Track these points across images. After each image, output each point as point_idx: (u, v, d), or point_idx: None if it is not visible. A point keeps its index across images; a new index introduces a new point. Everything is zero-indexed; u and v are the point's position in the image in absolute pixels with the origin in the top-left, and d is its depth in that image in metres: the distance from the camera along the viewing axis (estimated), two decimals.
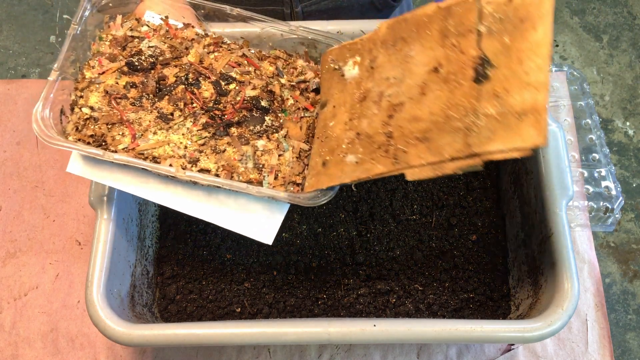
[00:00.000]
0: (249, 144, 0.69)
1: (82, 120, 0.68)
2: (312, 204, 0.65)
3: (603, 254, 1.70)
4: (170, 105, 0.70)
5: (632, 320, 1.62)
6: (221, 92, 0.71)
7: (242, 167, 0.67)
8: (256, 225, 0.68)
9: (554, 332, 0.65)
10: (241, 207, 0.68)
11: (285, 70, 0.75)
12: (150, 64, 0.72)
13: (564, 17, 2.06)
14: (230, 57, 0.74)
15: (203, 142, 0.68)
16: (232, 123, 0.70)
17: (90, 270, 0.69)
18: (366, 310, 0.79)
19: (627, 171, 1.81)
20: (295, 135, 0.70)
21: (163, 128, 0.69)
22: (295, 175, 0.68)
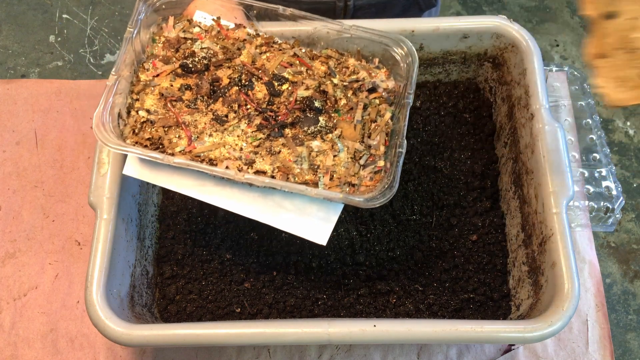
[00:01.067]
0: (304, 145, 0.69)
1: (139, 124, 0.69)
2: (369, 205, 0.64)
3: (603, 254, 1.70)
4: (225, 107, 0.70)
5: (633, 321, 1.62)
6: (274, 93, 0.71)
7: (297, 168, 0.67)
8: (311, 227, 0.68)
9: (555, 332, 0.65)
10: (296, 209, 0.68)
11: (337, 69, 0.75)
12: (203, 66, 0.72)
13: (565, 17, 2.06)
14: (282, 58, 0.74)
15: (258, 143, 0.68)
16: (286, 124, 0.70)
17: (89, 270, 0.69)
18: (366, 310, 0.79)
19: (627, 171, 1.81)
20: (350, 135, 0.70)
21: (218, 130, 0.69)
22: (350, 175, 0.68)
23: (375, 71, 0.75)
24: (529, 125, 0.78)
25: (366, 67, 0.75)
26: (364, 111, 0.71)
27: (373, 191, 0.65)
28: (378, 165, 0.68)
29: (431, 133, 0.91)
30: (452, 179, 0.88)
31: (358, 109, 0.71)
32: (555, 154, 0.74)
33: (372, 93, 0.73)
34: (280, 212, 0.68)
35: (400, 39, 0.74)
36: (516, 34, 0.83)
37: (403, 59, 0.74)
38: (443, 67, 0.91)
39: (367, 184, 0.67)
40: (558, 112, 0.97)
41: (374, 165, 0.68)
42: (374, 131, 0.70)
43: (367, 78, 0.73)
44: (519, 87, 0.82)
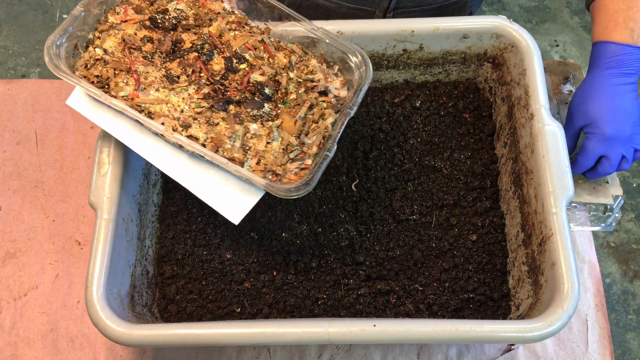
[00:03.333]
0: (242, 124, 0.70)
1: (92, 60, 0.70)
2: (285, 196, 0.66)
3: (603, 254, 1.70)
4: (179, 68, 0.72)
5: (632, 321, 1.62)
6: (230, 69, 0.73)
7: (229, 143, 0.69)
8: (228, 203, 0.69)
9: (554, 332, 0.65)
10: (219, 182, 0.70)
11: (297, 65, 0.76)
12: (172, 25, 0.74)
13: (564, 17, 2.06)
14: (248, 39, 0.76)
15: (200, 110, 0.70)
16: (232, 100, 0.71)
17: (90, 270, 0.69)
18: (366, 310, 0.79)
19: (627, 171, 1.81)
20: (288, 128, 0.71)
21: (166, 87, 0.71)
22: (277, 165, 0.69)
23: (333, 77, 0.76)
24: (528, 125, 0.78)
25: (325, 71, 0.76)
26: (309, 110, 0.73)
27: (293, 184, 0.67)
28: (305, 163, 0.70)
29: (431, 133, 0.91)
30: (452, 179, 0.88)
31: (304, 107, 0.73)
32: (555, 154, 0.74)
33: (323, 96, 0.75)
34: (203, 181, 0.70)
35: (358, 51, 0.76)
36: (516, 34, 0.83)
37: (357, 70, 0.76)
38: (443, 67, 0.91)
39: (291, 177, 0.69)
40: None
41: (302, 162, 0.70)
42: (312, 131, 0.72)
43: (322, 81, 0.75)
44: (519, 87, 0.82)
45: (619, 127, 0.80)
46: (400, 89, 0.94)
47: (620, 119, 0.80)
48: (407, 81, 0.93)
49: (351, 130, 0.92)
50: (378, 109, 0.93)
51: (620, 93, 0.81)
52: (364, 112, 0.92)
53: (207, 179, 0.70)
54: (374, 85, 0.94)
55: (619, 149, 0.81)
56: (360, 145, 0.90)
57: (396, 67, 0.91)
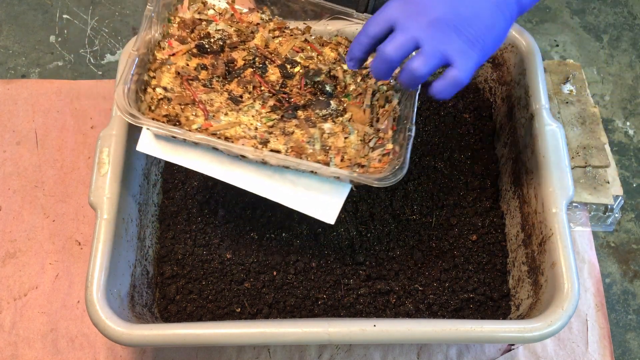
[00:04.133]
0: (316, 126, 0.70)
1: (155, 101, 0.69)
2: (381, 185, 0.65)
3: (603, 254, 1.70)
4: (240, 87, 0.72)
5: (633, 321, 1.62)
6: (287, 76, 0.73)
7: (310, 148, 0.68)
8: (320, 206, 0.69)
9: (554, 332, 0.65)
10: (307, 188, 0.69)
11: None
12: (219, 47, 0.74)
13: (564, 17, 2.06)
14: (294, 42, 0.75)
15: (272, 124, 0.69)
16: (299, 106, 0.71)
17: (90, 270, 0.69)
18: (366, 310, 0.79)
19: (627, 171, 1.81)
20: (359, 119, 0.71)
21: (233, 109, 0.70)
22: (360, 157, 0.69)
23: None
24: (528, 125, 0.78)
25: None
26: (373, 97, 0.73)
27: (382, 172, 0.66)
28: (386, 148, 0.69)
29: (431, 133, 0.91)
30: (452, 179, 0.88)
31: (367, 94, 0.72)
32: (555, 154, 0.74)
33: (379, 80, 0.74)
34: (291, 191, 0.69)
35: None
36: (516, 34, 0.83)
37: None
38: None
39: (376, 165, 0.68)
40: None
41: (383, 148, 0.69)
42: (382, 116, 0.71)
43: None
44: (519, 87, 0.82)
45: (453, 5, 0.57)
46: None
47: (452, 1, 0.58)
48: None
49: None
50: None
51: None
52: None
53: (296, 187, 0.69)
54: None
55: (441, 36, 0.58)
56: None
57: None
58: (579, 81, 0.99)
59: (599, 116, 0.95)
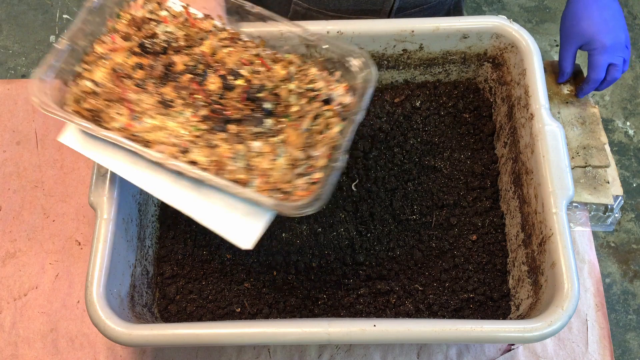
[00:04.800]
0: (244, 143, 0.67)
1: (83, 93, 0.68)
2: (296, 214, 0.63)
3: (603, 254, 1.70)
4: (174, 92, 0.69)
5: (632, 321, 1.62)
6: (227, 87, 0.69)
7: (232, 165, 0.66)
8: (237, 228, 0.66)
9: (554, 332, 0.65)
10: (226, 206, 0.66)
11: (297, 76, 0.73)
12: (162, 48, 0.71)
13: None
14: (243, 54, 0.73)
15: (199, 134, 0.67)
16: (231, 119, 0.68)
17: (90, 270, 0.69)
18: (366, 310, 0.79)
19: (627, 171, 1.81)
20: (293, 142, 0.68)
21: (162, 113, 0.67)
22: (284, 182, 0.66)
23: (335, 84, 0.73)
24: (528, 125, 0.78)
25: (326, 79, 0.73)
26: (314, 121, 0.70)
27: (303, 200, 0.63)
28: (314, 177, 0.66)
29: (431, 133, 0.91)
30: (452, 179, 0.88)
31: (307, 118, 0.69)
32: (555, 154, 0.74)
33: (326, 105, 0.71)
34: (208, 208, 0.67)
35: (359, 53, 0.72)
36: (516, 34, 0.83)
37: (360, 74, 0.72)
38: (443, 67, 0.91)
39: (301, 193, 0.65)
40: None
41: (310, 177, 0.67)
42: (319, 142, 0.69)
43: (324, 89, 0.72)
44: (519, 87, 0.82)
45: (616, 35, 0.87)
46: (400, 89, 0.94)
47: (614, 28, 0.88)
48: (407, 81, 0.93)
49: None
50: (378, 109, 0.93)
51: (606, 6, 0.89)
52: None
53: (212, 205, 0.66)
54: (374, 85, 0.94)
55: (620, 54, 0.88)
56: (360, 145, 0.90)
57: (396, 67, 0.91)
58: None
59: (599, 116, 0.95)
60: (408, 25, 0.84)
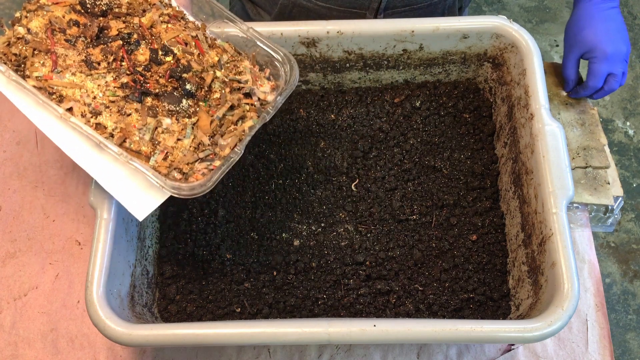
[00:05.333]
0: (156, 117, 0.69)
1: (15, 38, 0.71)
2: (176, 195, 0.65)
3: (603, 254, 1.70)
4: (101, 55, 0.71)
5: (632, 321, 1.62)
6: (155, 61, 0.72)
7: (137, 135, 0.68)
8: (134, 197, 0.68)
9: (554, 332, 0.65)
10: (128, 174, 0.69)
11: (227, 65, 0.75)
12: (101, 11, 0.74)
13: (564, 17, 2.06)
14: (180, 33, 0.75)
15: (114, 99, 0.69)
16: (150, 93, 0.70)
17: (90, 270, 0.69)
18: (366, 310, 0.79)
19: (627, 171, 1.81)
20: (203, 127, 0.70)
21: (83, 72, 0.70)
22: (184, 163, 0.68)
23: (264, 81, 0.75)
24: (528, 125, 0.78)
25: (255, 74, 0.75)
26: (230, 111, 0.72)
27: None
28: (214, 164, 0.69)
29: (431, 133, 0.91)
30: (452, 179, 0.88)
31: (223, 107, 0.72)
32: (555, 154, 0.74)
33: (248, 98, 0.73)
34: (110, 171, 0.69)
35: (284, 54, 0.75)
36: (516, 34, 0.83)
37: (283, 74, 0.75)
38: (443, 67, 0.91)
39: (198, 177, 0.68)
40: None
41: (211, 163, 0.69)
42: (228, 132, 0.71)
43: (250, 83, 0.74)
44: (519, 87, 0.82)
45: (617, 46, 0.88)
46: (400, 89, 0.94)
47: (616, 38, 0.89)
48: (407, 81, 0.93)
49: (351, 130, 0.92)
50: (378, 109, 0.93)
51: (610, 17, 0.90)
52: (364, 112, 0.93)
53: (116, 171, 0.68)
54: (374, 85, 0.94)
55: (620, 65, 0.89)
56: (360, 145, 0.90)
57: (396, 67, 0.91)
58: None
59: (598, 118, 0.95)
60: (408, 25, 0.84)
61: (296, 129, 0.92)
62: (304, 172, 0.89)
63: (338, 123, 0.92)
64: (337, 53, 0.87)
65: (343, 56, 0.88)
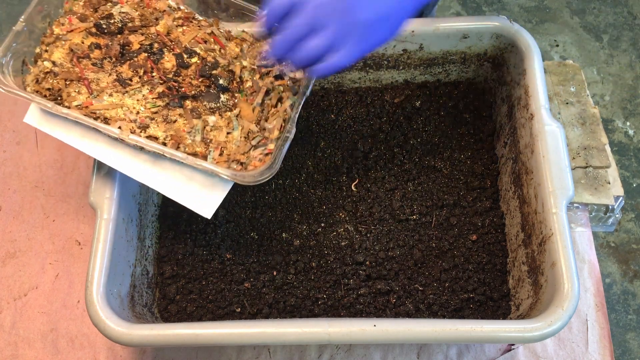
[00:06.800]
0: (201, 118, 0.70)
1: (42, 74, 0.71)
2: (252, 183, 0.66)
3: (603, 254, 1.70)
4: (130, 70, 0.72)
5: (633, 321, 1.62)
6: (182, 65, 0.73)
7: (189, 139, 0.69)
8: (197, 198, 0.69)
9: (554, 332, 0.65)
10: (186, 178, 0.70)
11: (250, 52, 0.76)
12: (117, 29, 0.74)
13: (564, 17, 2.06)
14: (197, 33, 0.76)
15: (156, 110, 0.70)
16: (187, 96, 0.72)
17: (90, 270, 0.69)
18: (366, 310, 0.79)
19: (627, 171, 1.81)
20: (247, 116, 0.72)
21: (119, 91, 0.71)
22: (240, 154, 0.69)
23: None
24: (528, 125, 0.78)
25: None
26: (266, 96, 0.73)
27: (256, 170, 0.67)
28: (268, 148, 0.70)
29: (431, 133, 0.91)
30: (452, 179, 0.88)
31: (260, 93, 0.73)
32: (555, 154, 0.74)
33: (279, 80, 0.75)
34: (167, 179, 0.70)
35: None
36: (516, 34, 0.83)
37: None
38: (443, 67, 0.91)
39: (256, 164, 0.69)
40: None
41: (265, 148, 0.70)
42: (272, 116, 0.72)
43: (277, 65, 0.74)
44: (519, 87, 0.82)
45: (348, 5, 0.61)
46: (400, 89, 0.94)
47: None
48: (407, 81, 0.93)
49: (351, 130, 0.92)
50: (378, 109, 0.93)
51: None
52: (364, 112, 0.93)
53: (174, 178, 0.70)
54: (374, 85, 0.94)
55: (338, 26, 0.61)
56: (360, 145, 0.90)
57: (396, 67, 0.91)
58: (578, 82, 0.99)
59: (599, 117, 0.95)
60: (408, 25, 0.84)
61: (296, 129, 0.92)
62: (304, 172, 0.89)
63: (338, 123, 0.92)
64: None
65: None
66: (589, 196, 0.90)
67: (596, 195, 0.90)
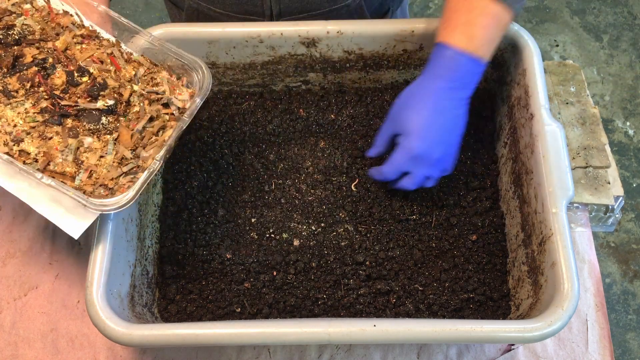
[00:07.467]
0: (77, 138, 0.70)
1: None
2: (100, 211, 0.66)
3: (603, 254, 1.70)
4: (18, 83, 0.73)
5: (632, 321, 1.62)
6: (72, 83, 0.73)
7: (61, 158, 0.69)
8: (67, 217, 0.68)
9: (554, 332, 0.65)
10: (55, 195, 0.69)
11: (145, 78, 0.76)
12: (14, 40, 0.75)
13: (564, 17, 2.06)
14: (94, 52, 0.76)
15: (34, 125, 0.70)
16: (69, 114, 0.71)
17: (90, 270, 0.69)
18: (366, 310, 0.79)
19: (627, 171, 1.81)
20: (125, 141, 0.71)
21: (2, 102, 0.71)
22: (109, 179, 0.69)
23: (182, 89, 0.76)
24: (528, 125, 0.78)
25: (173, 83, 0.76)
26: (149, 123, 0.73)
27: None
28: (137, 177, 0.69)
29: None
30: (452, 179, 0.88)
31: (142, 120, 0.72)
32: (555, 154, 0.74)
33: (167, 108, 0.74)
34: (39, 194, 0.69)
35: (195, 62, 0.75)
36: (516, 35, 0.83)
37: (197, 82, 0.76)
38: None
39: (124, 191, 0.68)
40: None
41: (134, 176, 0.69)
42: (150, 144, 0.71)
43: (167, 93, 0.74)
44: (519, 87, 0.82)
45: (430, 148, 0.75)
46: (401, 89, 0.93)
47: (434, 138, 0.75)
48: (407, 81, 0.93)
49: (351, 130, 0.92)
50: (378, 109, 0.93)
51: (447, 109, 0.76)
52: (364, 112, 0.93)
53: (43, 193, 0.69)
54: (374, 85, 0.94)
55: (423, 170, 0.77)
56: (360, 145, 0.90)
57: (396, 67, 0.91)
58: (578, 82, 0.99)
59: (599, 117, 0.95)
60: (408, 25, 0.84)
61: (296, 129, 0.92)
62: (303, 172, 0.89)
63: (338, 123, 0.92)
64: (337, 53, 0.87)
65: (343, 56, 0.88)
66: (589, 196, 0.90)
67: (596, 195, 0.90)
